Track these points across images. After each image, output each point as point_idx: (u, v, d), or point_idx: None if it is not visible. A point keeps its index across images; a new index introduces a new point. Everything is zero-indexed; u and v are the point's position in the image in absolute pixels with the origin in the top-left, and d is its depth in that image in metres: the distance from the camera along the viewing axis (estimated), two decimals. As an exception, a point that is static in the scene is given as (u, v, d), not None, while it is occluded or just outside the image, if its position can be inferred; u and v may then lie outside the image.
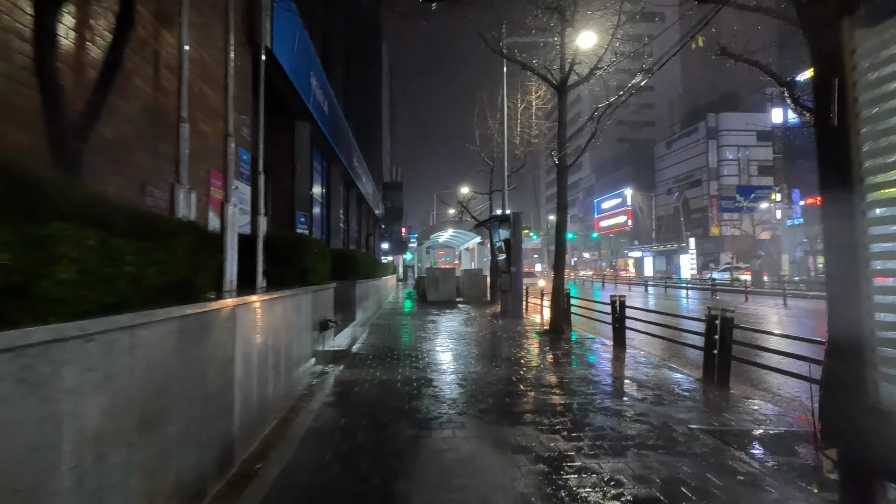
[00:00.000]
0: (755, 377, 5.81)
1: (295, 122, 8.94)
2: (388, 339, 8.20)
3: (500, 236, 13.83)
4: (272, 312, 3.73)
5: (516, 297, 12.07)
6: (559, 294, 8.97)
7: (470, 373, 5.56)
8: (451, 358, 6.47)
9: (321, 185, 12.03)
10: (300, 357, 4.58)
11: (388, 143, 77.66)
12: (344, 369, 5.59)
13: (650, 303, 18.38)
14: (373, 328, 9.58)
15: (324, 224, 12.37)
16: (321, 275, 5.38)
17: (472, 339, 8.16)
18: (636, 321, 7.79)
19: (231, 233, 4.34)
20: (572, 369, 5.80)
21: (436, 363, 6.07)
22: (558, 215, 9.02)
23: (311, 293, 4.97)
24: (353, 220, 17.10)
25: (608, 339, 7.98)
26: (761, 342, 6.39)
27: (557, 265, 9.07)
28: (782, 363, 5.04)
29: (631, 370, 5.78)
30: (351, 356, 6.37)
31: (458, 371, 5.63)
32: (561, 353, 6.91)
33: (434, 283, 17.04)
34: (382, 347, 7.26)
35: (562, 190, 9.00)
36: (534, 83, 16.43)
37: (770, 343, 6.14)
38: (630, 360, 6.45)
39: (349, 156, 14.16)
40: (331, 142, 11.04)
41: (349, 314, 8.73)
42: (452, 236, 23.50)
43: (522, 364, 6.10)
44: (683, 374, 5.54)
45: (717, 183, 47.64)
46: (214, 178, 5.04)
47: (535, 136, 16.59)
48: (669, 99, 71.71)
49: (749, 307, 15.82)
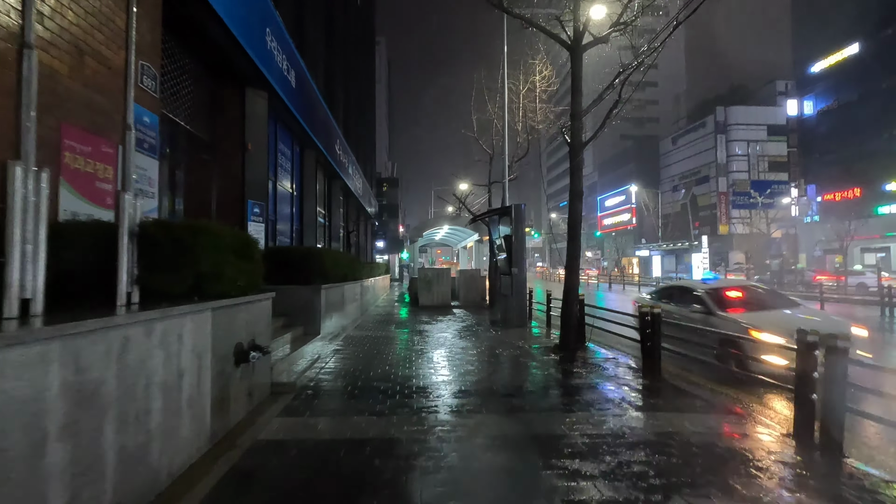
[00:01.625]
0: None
1: (245, 89, 7.25)
2: (358, 361, 6.50)
3: (500, 233, 12.13)
4: (90, 356, 2.03)
5: (519, 302, 10.37)
6: (572, 302, 7.27)
7: (454, 430, 3.86)
8: (433, 394, 4.77)
9: (291, 173, 10.33)
10: (171, 428, 2.88)
11: (386, 140, 76.29)
12: (271, 423, 3.89)
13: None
14: (346, 343, 7.89)
15: (295, 218, 10.67)
16: (236, 281, 3.69)
17: (464, 362, 6.46)
18: (671, 338, 6.10)
19: (125, 228, 2.73)
20: (601, 420, 4.09)
21: (410, 409, 4.37)
22: (572, 204, 7.31)
23: (210, 311, 3.28)
24: (338, 216, 15.41)
25: (627, 356, 6.28)
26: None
27: (570, 265, 7.36)
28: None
29: (690, 422, 4.08)
30: (294, 395, 4.67)
31: (437, 427, 3.94)
32: (583, 388, 5.20)
33: (426, 286, 15.34)
34: (345, 376, 5.56)
35: (576, 173, 7.29)
36: (537, 62, 14.70)
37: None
38: (676, 397, 4.75)
39: (329, 142, 12.46)
40: (300, 120, 9.34)
41: (311, 327, 7.04)
42: (448, 233, 21.78)
43: (529, 409, 4.40)
44: (767, 429, 3.84)
45: (725, 179, 45.89)
46: (72, 137, 3.34)
47: (540, 121, 14.85)
48: (674, 94, 69.98)
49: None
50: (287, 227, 10.13)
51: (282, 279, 7.10)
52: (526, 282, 10.53)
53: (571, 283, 7.32)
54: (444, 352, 7.11)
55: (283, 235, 9.80)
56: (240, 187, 7.12)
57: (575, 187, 7.28)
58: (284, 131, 9.77)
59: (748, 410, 4.35)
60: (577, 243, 7.30)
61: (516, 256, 10.48)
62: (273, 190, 9.04)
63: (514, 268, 10.47)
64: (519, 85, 15.07)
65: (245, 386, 3.96)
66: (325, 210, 14.32)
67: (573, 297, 7.32)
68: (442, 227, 19.83)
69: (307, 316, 7.06)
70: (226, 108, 7.17)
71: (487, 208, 15.58)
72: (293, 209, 10.49)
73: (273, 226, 9.05)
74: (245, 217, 7.16)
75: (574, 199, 7.27)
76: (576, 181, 7.30)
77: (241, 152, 7.17)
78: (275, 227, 9.10)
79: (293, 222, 10.44)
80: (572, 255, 7.31)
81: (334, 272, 8.16)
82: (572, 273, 7.34)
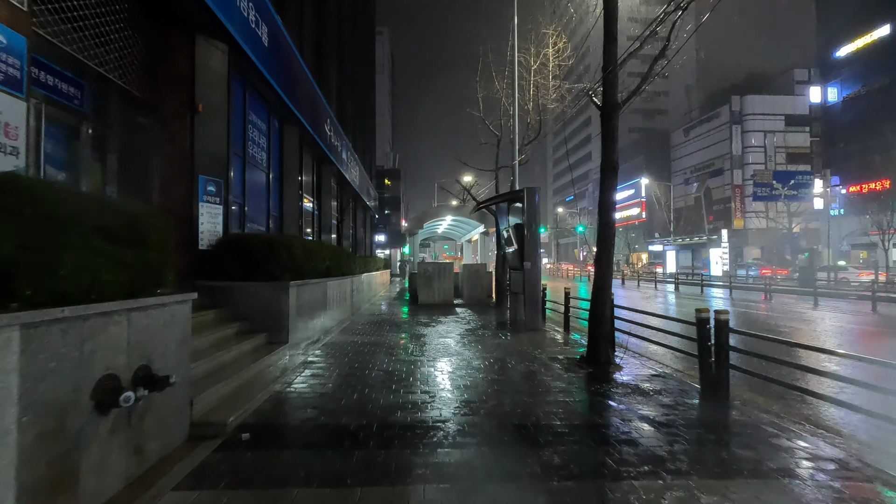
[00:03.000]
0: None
1: (196, 36, 5.79)
2: (330, 380, 5.07)
3: (509, 222, 10.66)
4: None
5: (532, 302, 8.89)
6: (603, 303, 5.80)
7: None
8: (423, 441, 3.33)
9: (267, 151, 8.88)
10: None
11: (389, 133, 74.87)
12: (159, 502, 2.47)
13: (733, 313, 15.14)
14: (324, 353, 6.47)
15: (273, 204, 9.24)
16: (99, 277, 2.26)
17: (468, 384, 5.01)
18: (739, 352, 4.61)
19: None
20: (686, 490, 2.63)
21: (386, 471, 2.93)
22: (606, 179, 5.79)
23: (18, 330, 1.84)
24: (329, 205, 13.96)
25: (672, 371, 4.81)
26: None
27: (601, 257, 5.85)
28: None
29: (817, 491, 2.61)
30: (222, 441, 3.24)
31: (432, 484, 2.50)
32: (637, 425, 3.74)
33: (427, 282, 13.88)
34: (307, 406, 4.13)
35: (609, 141, 5.79)
36: (550, 31, 13.13)
37: None
38: (769, 442, 3.28)
39: (316, 120, 11.00)
40: (277, 88, 7.88)
41: (277, 335, 5.61)
42: (452, 225, 20.28)
43: (567, 468, 2.94)
44: None
45: (741, 172, 44.03)
46: None
47: (554, 98, 13.29)
48: (684, 85, 67.84)
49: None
50: (262, 214, 8.70)
51: (240, 274, 5.68)
52: (540, 278, 9.06)
53: (603, 280, 5.83)
54: (442, 366, 5.66)
55: (256, 223, 8.38)
56: (188, 159, 5.68)
57: (609, 158, 5.77)
58: (258, 100, 8.31)
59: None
60: (610, 229, 5.80)
61: (529, 249, 9.00)
62: (241, 167, 7.60)
63: (526, 262, 9.00)
64: (530, 59, 13.51)
65: (124, 441, 2.52)
66: (315, 198, 12.88)
67: (605, 297, 5.84)
68: (444, 219, 18.31)
69: (272, 320, 5.63)
70: (170, 59, 5.72)
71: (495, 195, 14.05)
72: (270, 193, 9.05)
73: (241, 210, 7.62)
74: (195, 196, 5.72)
75: (608, 173, 5.77)
76: (610, 151, 5.79)
77: (189, 115, 5.73)
78: (243, 212, 7.66)
79: (270, 208, 9.00)
80: (605, 242, 5.80)
81: (310, 265, 6.73)
82: (604, 267, 5.85)
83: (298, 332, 6.15)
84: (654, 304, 15.72)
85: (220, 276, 5.69)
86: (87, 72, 4.90)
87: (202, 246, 5.81)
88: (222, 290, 5.61)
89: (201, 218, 5.82)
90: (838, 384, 4.81)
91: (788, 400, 4.76)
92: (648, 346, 6.92)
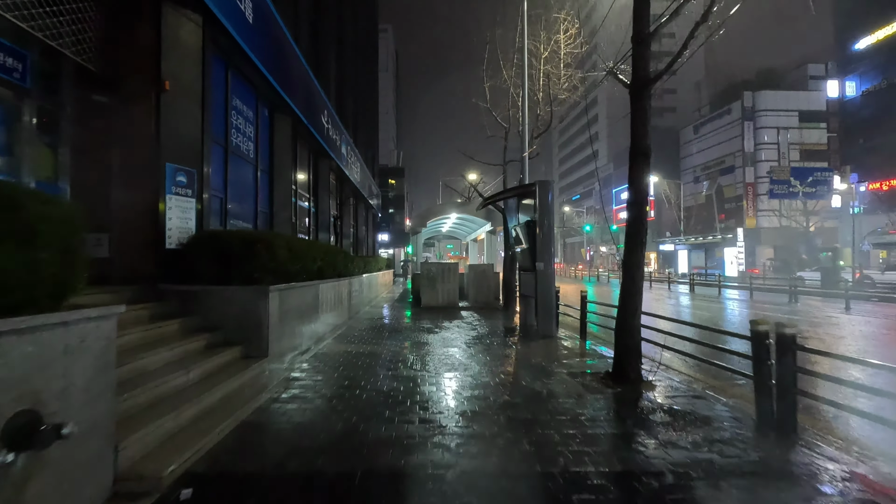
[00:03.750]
0: None
1: (162, 3, 5.04)
2: (314, 404, 4.30)
3: (519, 219, 9.86)
4: None
5: (545, 306, 8.09)
6: (633, 312, 4.98)
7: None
8: (419, 498, 2.55)
9: (255, 141, 8.13)
10: None
11: (394, 131, 74.10)
12: None
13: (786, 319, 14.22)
14: (311, 367, 5.70)
15: (262, 199, 8.49)
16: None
17: (476, 408, 4.22)
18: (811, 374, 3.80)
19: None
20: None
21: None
22: (636, 166, 4.96)
23: None
24: (327, 202, 13.22)
25: (712, 392, 3.97)
26: None
27: (630, 259, 5.03)
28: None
29: None
30: (153, 502, 2.48)
31: None
32: (692, 472, 2.94)
33: (430, 283, 13.11)
34: (277, 442, 3.36)
35: (640, 121, 4.97)
36: (562, 16, 12.29)
37: None
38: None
39: (311, 110, 10.25)
40: (264, 70, 7.13)
41: (254, 346, 4.86)
42: (457, 223, 19.47)
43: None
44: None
45: (753, 169, 42.83)
46: None
47: (565, 87, 12.46)
48: (693, 82, 66.57)
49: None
50: (249, 210, 7.96)
51: (214, 276, 4.93)
52: (553, 280, 8.25)
53: (633, 285, 5.00)
54: (445, 383, 4.88)
55: (242, 219, 7.63)
56: (152, 144, 4.93)
57: (639, 142, 4.95)
58: (243, 83, 7.56)
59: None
60: (642, 225, 4.98)
61: (542, 248, 8.19)
62: (223, 157, 6.85)
63: (538, 262, 8.19)
64: (540, 47, 12.68)
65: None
66: (311, 194, 12.14)
67: (634, 305, 5.02)
68: (449, 216, 17.52)
69: (248, 330, 4.87)
70: (132, 29, 4.97)
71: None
72: (259, 187, 8.30)
73: (223, 205, 6.87)
74: (161, 187, 4.97)
75: (638, 159, 4.94)
76: (640, 135, 4.96)
77: (155, 94, 4.98)
78: (225, 207, 6.91)
79: (258, 204, 8.25)
80: (635, 241, 4.97)
81: (298, 266, 5.97)
82: (634, 270, 5.01)
83: (283, 341, 5.39)
84: (665, 307, 14.85)
85: (191, 279, 4.94)
86: (30, 41, 4.17)
87: (170, 245, 5.07)
88: (192, 296, 4.86)
89: (169, 213, 5.07)
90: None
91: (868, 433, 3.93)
92: (671, 355, 6.10)
